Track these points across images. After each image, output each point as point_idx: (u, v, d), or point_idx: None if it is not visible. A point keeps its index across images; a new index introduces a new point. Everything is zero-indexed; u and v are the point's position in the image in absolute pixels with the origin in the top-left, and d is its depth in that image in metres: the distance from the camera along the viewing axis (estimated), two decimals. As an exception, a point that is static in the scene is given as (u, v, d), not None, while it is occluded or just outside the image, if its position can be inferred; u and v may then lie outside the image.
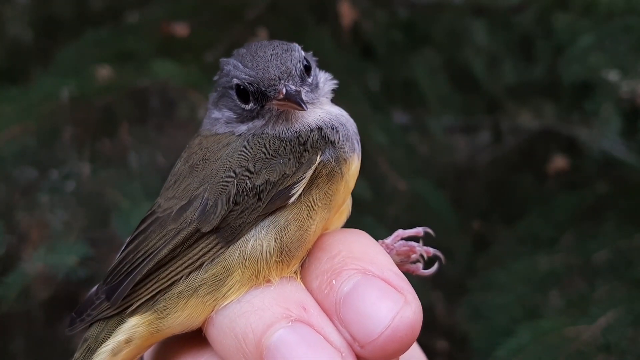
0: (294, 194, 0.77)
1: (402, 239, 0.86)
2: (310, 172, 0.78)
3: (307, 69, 0.83)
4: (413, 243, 0.85)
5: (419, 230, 0.87)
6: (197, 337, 0.78)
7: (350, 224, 0.86)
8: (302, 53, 0.83)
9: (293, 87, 0.78)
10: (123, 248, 0.83)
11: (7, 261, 1.63)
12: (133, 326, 0.78)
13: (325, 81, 0.87)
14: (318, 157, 0.79)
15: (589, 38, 1.93)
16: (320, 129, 0.81)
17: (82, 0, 2.84)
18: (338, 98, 0.89)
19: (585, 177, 2.41)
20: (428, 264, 0.86)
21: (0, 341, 2.34)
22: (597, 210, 2.04)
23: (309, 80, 0.82)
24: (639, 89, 2.14)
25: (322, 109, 0.83)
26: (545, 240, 2.01)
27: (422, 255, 0.85)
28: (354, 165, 0.83)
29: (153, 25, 2.08)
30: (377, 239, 0.83)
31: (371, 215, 1.84)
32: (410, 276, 0.86)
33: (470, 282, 1.97)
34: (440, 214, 2.00)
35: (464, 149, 3.16)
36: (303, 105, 0.76)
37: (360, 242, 0.77)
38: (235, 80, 0.81)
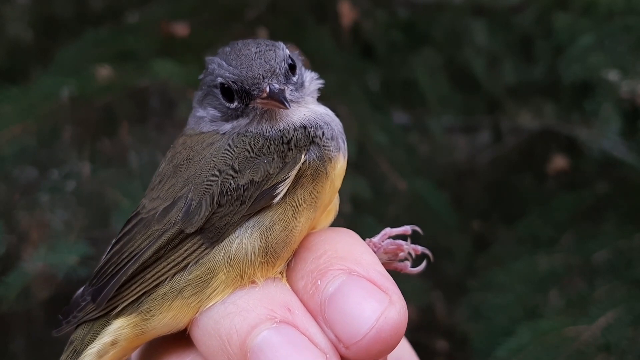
0: (279, 193, 0.76)
1: (389, 237, 0.85)
2: (294, 172, 0.77)
3: (292, 67, 0.82)
4: (401, 241, 0.84)
5: (406, 229, 0.86)
6: (182, 338, 0.77)
7: (350, 223, 0.86)
8: (287, 52, 0.82)
9: (277, 86, 0.77)
10: (108, 249, 0.82)
11: (7, 261, 1.63)
12: (118, 328, 0.78)
13: (311, 80, 0.86)
14: (302, 156, 0.78)
15: (589, 38, 1.93)
16: (304, 127, 0.80)
17: (82, 0, 2.84)
18: (338, 98, 0.88)
19: (585, 177, 2.42)
20: (416, 262, 0.85)
21: (0, 341, 2.34)
22: (597, 210, 2.04)
23: (294, 79, 0.82)
24: (639, 89, 2.14)
25: (307, 108, 0.82)
26: (545, 240, 2.01)
27: (410, 254, 0.85)
28: (340, 164, 0.82)
29: (153, 25, 2.08)
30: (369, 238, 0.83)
31: (371, 214, 1.84)
32: (411, 276, 0.86)
33: (470, 282, 1.98)
34: (440, 214, 2.00)
35: (464, 149, 3.17)
36: (286, 104, 0.76)
37: (346, 241, 0.77)
38: (220, 79, 0.81)
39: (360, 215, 1.83)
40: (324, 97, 0.88)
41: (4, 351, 2.33)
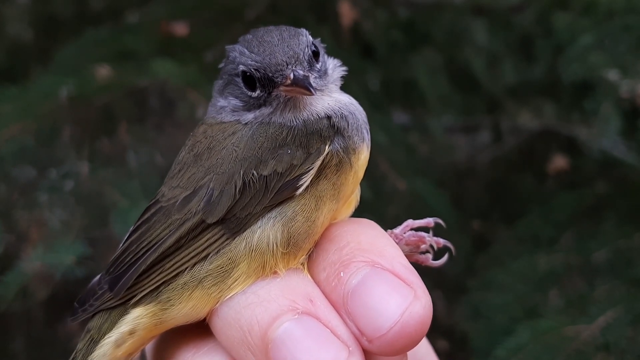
0: (302, 184, 0.75)
1: (411, 229, 0.84)
2: (318, 163, 0.75)
3: (316, 54, 0.80)
4: (423, 233, 0.83)
5: (429, 221, 0.85)
6: (199, 328, 0.76)
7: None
8: (310, 38, 0.80)
9: (301, 72, 0.75)
10: (126, 237, 0.81)
11: (5, 260, 1.63)
12: (136, 317, 0.77)
13: (335, 67, 0.84)
14: (327, 147, 0.76)
15: (589, 37, 1.93)
16: (329, 117, 0.78)
17: (82, 0, 2.85)
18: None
19: (585, 177, 2.41)
20: (438, 255, 0.84)
21: (0, 341, 2.34)
22: (597, 210, 2.04)
23: (318, 66, 0.80)
24: (639, 89, 2.14)
25: (331, 97, 0.80)
26: (545, 240, 2.01)
27: (431, 246, 0.84)
28: (364, 155, 0.80)
29: (153, 25, 2.08)
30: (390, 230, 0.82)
31: (371, 214, 1.83)
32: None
33: (470, 282, 1.97)
34: (440, 214, 1.98)
35: (464, 149, 3.16)
36: (312, 90, 0.74)
37: (369, 233, 0.75)
38: (242, 67, 0.79)
39: (360, 215, 1.82)
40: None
41: (3, 351, 2.33)
